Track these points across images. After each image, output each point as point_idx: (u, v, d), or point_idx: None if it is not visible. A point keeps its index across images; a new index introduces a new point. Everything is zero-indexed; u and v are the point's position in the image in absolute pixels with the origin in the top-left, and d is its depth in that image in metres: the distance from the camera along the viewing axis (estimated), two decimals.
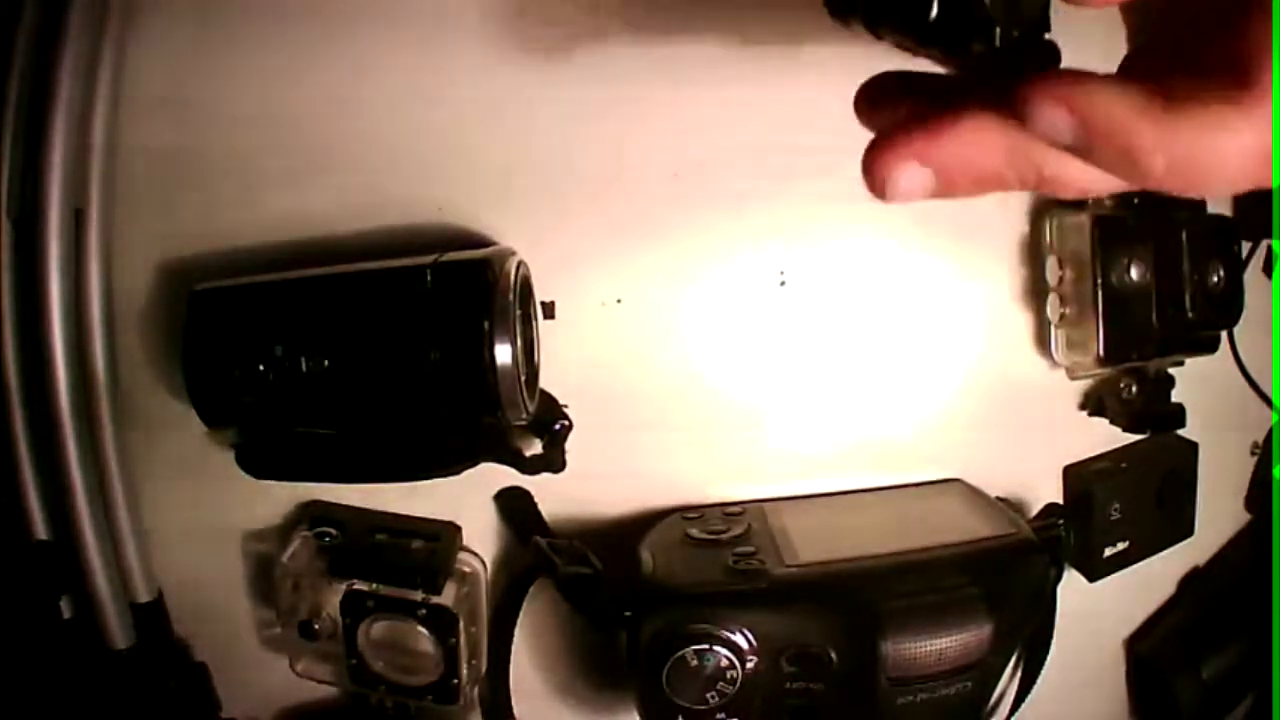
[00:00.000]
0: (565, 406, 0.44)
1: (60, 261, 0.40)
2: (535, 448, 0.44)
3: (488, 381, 0.37)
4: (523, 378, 0.38)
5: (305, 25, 0.41)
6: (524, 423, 0.40)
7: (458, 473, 0.42)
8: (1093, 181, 0.21)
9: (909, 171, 0.20)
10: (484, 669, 0.46)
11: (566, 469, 0.44)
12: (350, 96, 0.42)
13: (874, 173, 0.20)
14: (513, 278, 0.38)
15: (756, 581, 0.39)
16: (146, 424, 0.44)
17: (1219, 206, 0.50)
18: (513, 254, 0.40)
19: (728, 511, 0.45)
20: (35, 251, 0.39)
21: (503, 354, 0.37)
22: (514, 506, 0.45)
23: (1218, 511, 0.54)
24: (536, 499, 0.46)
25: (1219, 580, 0.54)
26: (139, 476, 0.44)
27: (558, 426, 0.43)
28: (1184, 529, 0.52)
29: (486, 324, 0.37)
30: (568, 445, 0.44)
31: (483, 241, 0.43)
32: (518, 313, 0.38)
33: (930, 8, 0.19)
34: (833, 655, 0.38)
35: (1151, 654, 0.54)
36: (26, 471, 0.41)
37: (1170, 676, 0.53)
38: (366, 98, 0.42)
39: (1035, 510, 0.49)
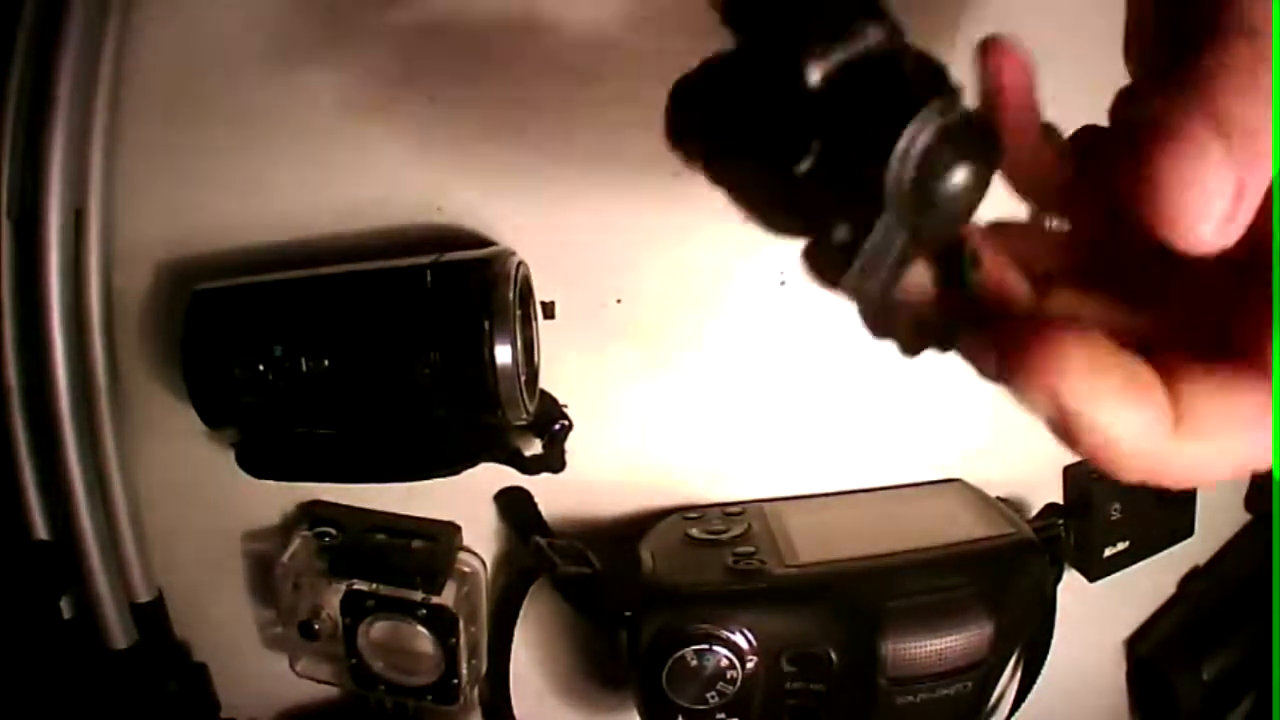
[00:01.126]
0: (565, 406, 0.44)
1: (60, 262, 0.40)
2: (535, 448, 0.44)
3: (488, 381, 0.37)
4: (523, 378, 0.38)
5: (305, 24, 0.41)
6: (524, 423, 0.40)
7: (458, 473, 0.42)
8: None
9: None
10: (484, 669, 0.46)
11: (566, 469, 0.44)
12: (351, 96, 0.42)
13: None
14: (513, 278, 0.38)
15: (756, 581, 0.39)
16: (147, 424, 0.44)
17: None
18: (513, 254, 0.40)
19: (728, 511, 0.45)
20: (35, 252, 0.39)
21: (503, 354, 0.37)
22: (514, 506, 0.45)
23: (1218, 511, 0.54)
24: (536, 499, 0.46)
25: (1219, 580, 0.54)
26: (139, 476, 0.44)
27: (558, 426, 0.43)
28: (1184, 529, 0.52)
29: (486, 324, 0.37)
30: (568, 445, 0.44)
31: (483, 241, 0.43)
32: (518, 313, 0.38)
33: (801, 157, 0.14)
34: (833, 655, 0.38)
35: (1151, 654, 0.54)
36: (27, 471, 0.41)
37: (1170, 676, 0.52)
38: (367, 97, 0.42)
39: (1035, 510, 0.49)
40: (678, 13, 0.42)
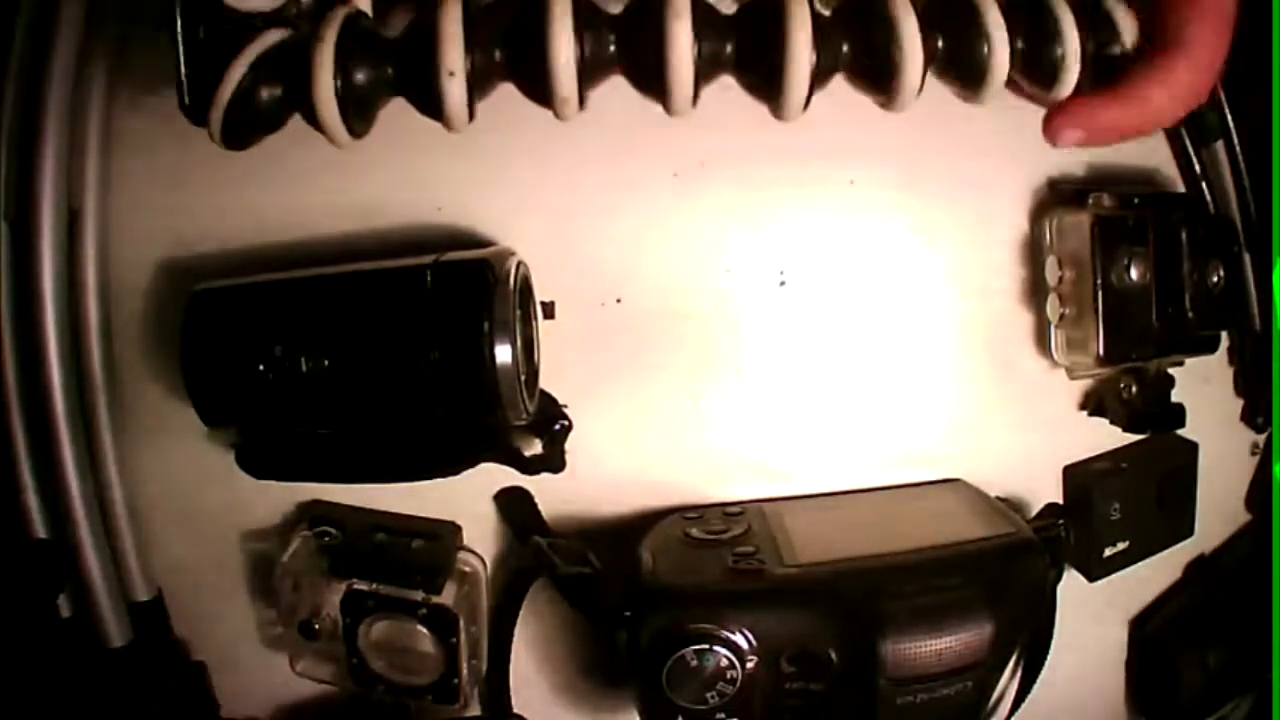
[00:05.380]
0: (565, 406, 0.44)
1: (55, 261, 0.40)
2: (535, 448, 0.44)
3: (488, 381, 0.37)
4: (523, 378, 0.38)
5: None
6: (524, 423, 0.40)
7: (458, 473, 0.42)
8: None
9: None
10: (484, 669, 0.46)
11: (566, 469, 0.44)
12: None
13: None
14: (513, 278, 0.38)
15: (756, 581, 0.39)
16: (146, 423, 0.44)
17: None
18: (513, 254, 0.40)
19: (728, 511, 0.45)
20: (30, 252, 0.39)
21: (503, 354, 0.36)
22: (514, 506, 0.45)
23: (1218, 511, 0.54)
24: (536, 499, 0.46)
25: (1218, 582, 0.54)
26: (138, 475, 0.44)
27: (557, 426, 0.43)
28: (1184, 529, 0.52)
29: (486, 324, 0.36)
30: (568, 445, 0.44)
31: (483, 241, 0.43)
32: (518, 313, 0.38)
33: None
34: (833, 655, 0.38)
35: (1153, 650, 0.54)
36: (25, 470, 0.41)
37: (1172, 673, 0.52)
38: None
39: (1035, 510, 0.49)
40: None
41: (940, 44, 0.31)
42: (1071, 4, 0.32)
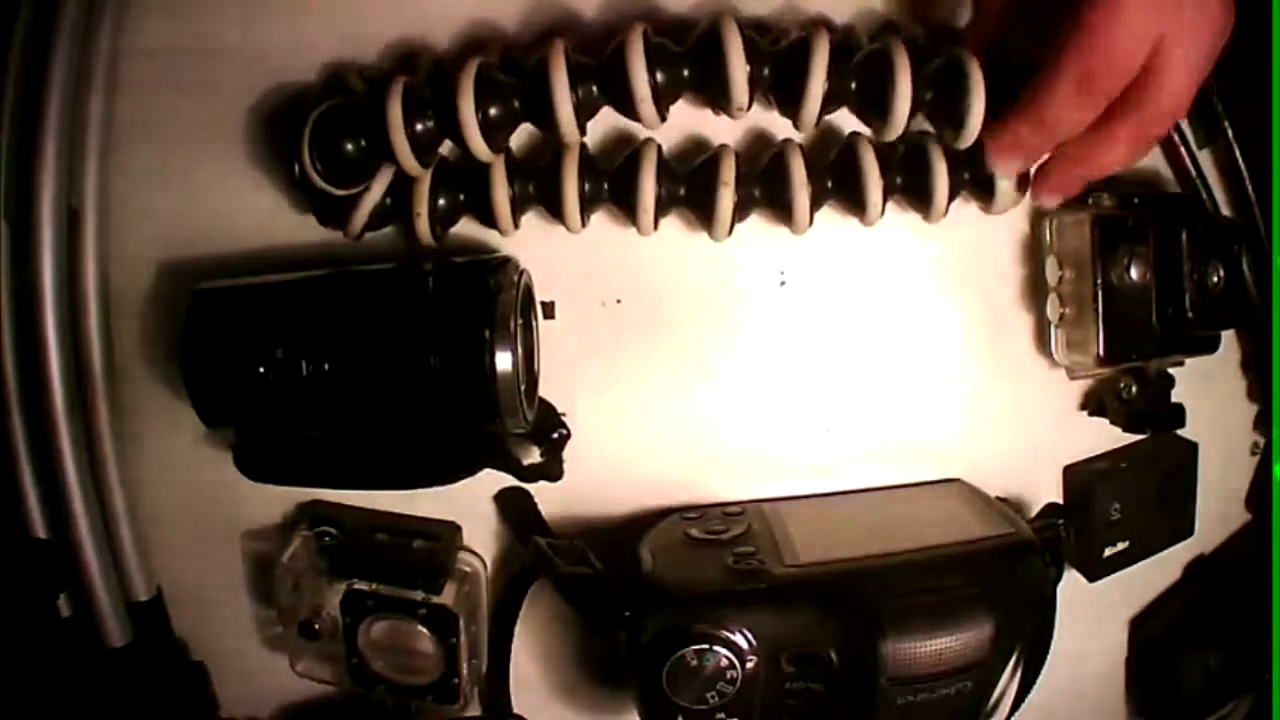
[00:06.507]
0: (564, 415, 0.44)
1: (55, 261, 0.39)
2: (533, 456, 0.44)
3: (487, 389, 0.37)
4: (523, 386, 0.38)
5: (304, 19, 0.41)
6: (523, 431, 0.40)
7: (458, 480, 0.42)
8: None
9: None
10: (484, 669, 0.46)
11: (566, 469, 0.44)
12: None
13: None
14: (514, 285, 0.38)
15: (756, 581, 0.39)
16: (147, 423, 0.44)
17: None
18: (515, 261, 0.40)
19: (728, 511, 0.45)
20: (30, 252, 0.39)
21: (503, 361, 0.36)
22: (514, 506, 0.45)
23: (1218, 511, 0.54)
24: (536, 499, 0.46)
25: (1218, 582, 0.54)
26: (138, 475, 0.44)
27: (555, 436, 0.43)
28: (1184, 529, 0.52)
29: (487, 332, 0.36)
30: (567, 449, 0.44)
31: (485, 246, 0.43)
32: (519, 321, 0.38)
33: None
34: (833, 655, 0.38)
35: (1152, 648, 0.54)
36: (25, 470, 0.41)
37: (1172, 674, 0.53)
38: None
39: (1035, 510, 0.49)
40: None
41: (828, 185, 0.42)
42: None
